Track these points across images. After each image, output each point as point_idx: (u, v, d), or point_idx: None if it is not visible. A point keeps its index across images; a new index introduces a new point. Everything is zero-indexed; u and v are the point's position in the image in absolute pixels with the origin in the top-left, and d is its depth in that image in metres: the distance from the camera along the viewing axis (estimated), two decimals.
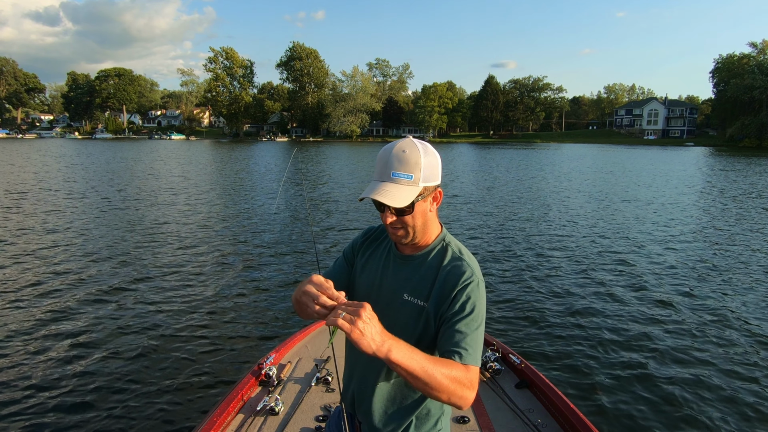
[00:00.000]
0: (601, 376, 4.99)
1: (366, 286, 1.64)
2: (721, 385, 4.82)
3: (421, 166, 1.41)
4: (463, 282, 1.43)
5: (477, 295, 1.43)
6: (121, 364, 5.09)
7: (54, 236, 10.94)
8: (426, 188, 1.44)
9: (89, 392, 4.53)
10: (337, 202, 16.89)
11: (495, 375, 3.50)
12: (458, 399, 1.31)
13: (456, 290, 1.43)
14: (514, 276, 8.41)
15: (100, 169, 29.28)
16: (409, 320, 1.50)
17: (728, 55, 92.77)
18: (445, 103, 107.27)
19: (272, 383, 3.36)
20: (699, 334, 6.04)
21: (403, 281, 1.54)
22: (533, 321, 6.41)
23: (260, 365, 3.46)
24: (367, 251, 1.70)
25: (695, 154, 58.48)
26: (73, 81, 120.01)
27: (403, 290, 1.53)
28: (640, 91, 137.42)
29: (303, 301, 1.28)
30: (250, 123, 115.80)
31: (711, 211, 15.74)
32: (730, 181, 25.40)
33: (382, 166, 1.43)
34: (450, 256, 1.51)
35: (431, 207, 1.51)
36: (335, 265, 1.75)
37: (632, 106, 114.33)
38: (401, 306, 1.52)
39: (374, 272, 1.63)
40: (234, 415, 3.02)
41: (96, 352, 5.33)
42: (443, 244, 1.55)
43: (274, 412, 3.03)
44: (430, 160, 1.44)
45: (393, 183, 1.40)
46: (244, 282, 7.89)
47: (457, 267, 1.47)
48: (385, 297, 1.57)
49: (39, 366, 5.02)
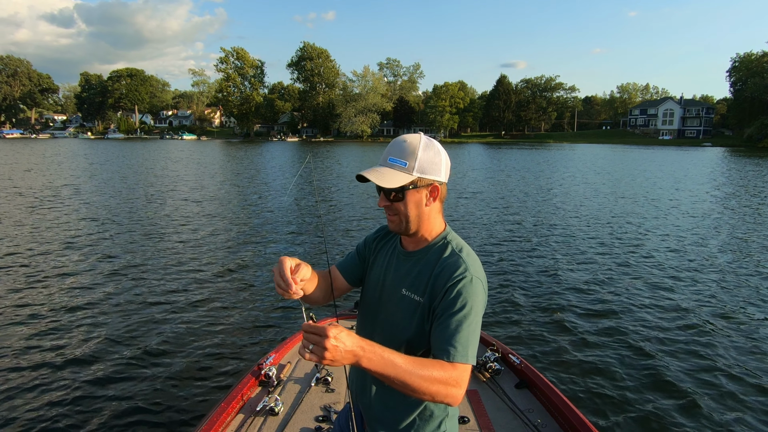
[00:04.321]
0: (601, 376, 4.95)
1: (373, 281, 1.68)
2: (721, 385, 4.77)
3: (417, 156, 1.46)
4: (456, 277, 1.42)
5: (470, 292, 1.40)
6: (120, 363, 5.10)
7: (55, 235, 11.06)
8: (420, 179, 1.47)
9: (89, 392, 4.55)
10: (350, 204, 16.80)
11: (495, 375, 3.48)
12: (443, 398, 1.30)
13: (448, 285, 1.42)
14: (515, 276, 8.35)
15: (113, 168, 29.57)
16: (405, 315, 1.52)
17: (746, 54, 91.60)
18: (456, 103, 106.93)
19: (272, 383, 3.35)
20: (700, 334, 5.97)
21: (402, 276, 1.57)
22: (533, 321, 6.37)
23: (260, 365, 3.45)
24: (377, 248, 1.74)
25: (715, 154, 57.64)
26: (86, 81, 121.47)
27: (402, 285, 1.55)
28: (654, 91, 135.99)
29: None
30: (261, 123, 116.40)
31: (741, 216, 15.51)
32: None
33: (383, 153, 1.52)
34: (448, 253, 1.51)
35: (428, 200, 1.51)
36: (347, 258, 1.80)
37: (647, 105, 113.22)
38: (399, 301, 1.54)
39: (381, 268, 1.67)
40: (234, 415, 3.01)
41: (95, 352, 5.34)
42: (444, 242, 1.55)
43: (273, 412, 3.02)
44: (431, 154, 1.48)
45: (387, 167, 1.48)
46: (244, 281, 7.89)
47: (452, 263, 1.46)
48: (387, 292, 1.60)
49: (38, 366, 5.03)
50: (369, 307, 1.68)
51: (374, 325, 1.63)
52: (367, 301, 1.70)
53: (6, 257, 9.04)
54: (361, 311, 1.75)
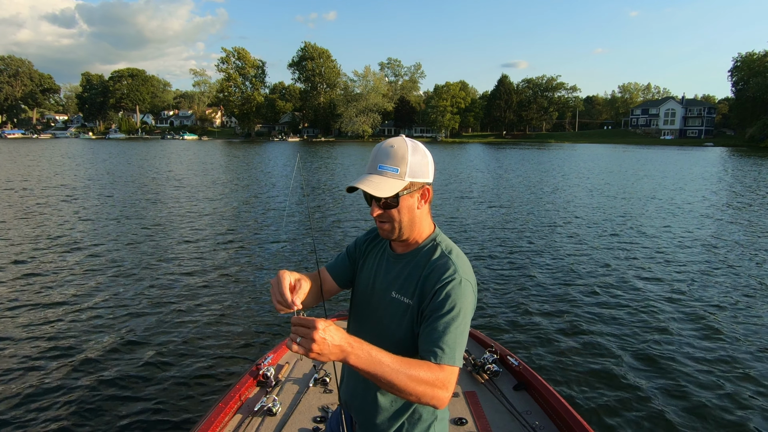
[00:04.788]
0: (600, 379, 4.93)
1: (363, 284, 1.68)
2: (721, 387, 4.76)
3: (407, 161, 1.45)
4: (444, 279, 1.41)
5: (458, 294, 1.39)
6: (119, 364, 5.10)
7: (55, 235, 11.08)
8: (413, 183, 1.47)
9: (88, 392, 4.54)
10: (342, 205, 16.85)
11: (493, 377, 3.47)
12: (429, 400, 1.29)
13: (436, 287, 1.41)
14: (514, 277, 8.33)
15: (110, 168, 29.62)
16: (395, 317, 1.51)
17: (748, 54, 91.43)
18: (457, 102, 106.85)
19: (270, 384, 3.35)
20: (700, 338, 5.94)
21: (392, 279, 1.56)
22: (532, 323, 6.35)
23: (258, 366, 3.45)
24: (367, 249, 1.74)
25: (717, 154, 57.46)
26: (87, 81, 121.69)
27: (392, 288, 1.54)
28: (655, 90, 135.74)
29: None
30: (262, 123, 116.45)
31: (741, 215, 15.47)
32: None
33: (371, 160, 1.49)
34: (437, 255, 1.50)
35: (419, 204, 1.51)
36: (337, 260, 1.79)
37: (648, 105, 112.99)
38: (389, 304, 1.53)
39: (371, 271, 1.66)
40: (232, 415, 3.01)
41: (94, 352, 5.34)
42: (433, 243, 1.54)
43: (271, 412, 3.02)
44: (419, 157, 1.47)
45: (379, 175, 1.45)
46: (242, 282, 7.87)
47: (441, 265, 1.45)
48: (377, 295, 1.59)
49: (37, 365, 5.03)
50: (359, 309, 1.68)
51: (364, 327, 1.62)
52: (357, 303, 1.69)
53: (6, 257, 9.05)
54: (351, 313, 1.75)
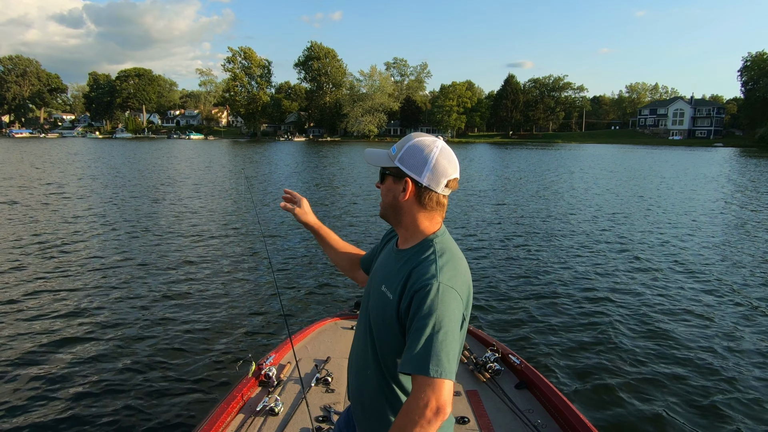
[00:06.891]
0: (602, 377, 4.92)
1: (371, 274, 1.73)
2: (723, 386, 4.74)
3: (404, 147, 1.50)
4: (421, 283, 1.37)
5: (436, 301, 1.32)
6: (119, 363, 5.08)
7: (55, 236, 11.13)
8: (398, 169, 1.50)
9: (88, 392, 4.54)
10: (356, 204, 16.85)
11: (495, 375, 3.47)
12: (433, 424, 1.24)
13: (414, 291, 1.37)
14: (515, 276, 8.32)
15: (116, 167, 29.77)
16: (379, 310, 1.51)
17: (758, 53, 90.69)
18: (464, 102, 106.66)
19: (272, 384, 3.34)
20: (703, 337, 5.90)
21: (386, 273, 1.56)
22: (534, 321, 6.33)
23: (260, 365, 3.44)
24: (384, 242, 1.79)
25: (729, 155, 57.02)
26: (94, 81, 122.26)
27: (383, 282, 1.54)
28: (663, 90, 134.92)
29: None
30: (268, 123, 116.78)
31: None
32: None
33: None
34: (425, 255, 1.46)
35: (401, 194, 1.51)
36: (370, 249, 1.92)
37: (656, 105, 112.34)
38: (378, 296, 1.54)
39: (380, 263, 1.70)
40: (234, 415, 3.01)
41: (94, 352, 5.33)
42: (429, 244, 1.51)
43: (273, 412, 3.01)
44: (419, 152, 1.48)
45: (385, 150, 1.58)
46: (244, 281, 7.87)
47: (423, 267, 1.41)
48: (373, 286, 1.61)
49: (36, 367, 5.02)
50: (363, 298, 1.71)
51: (362, 316, 1.65)
52: (364, 292, 1.73)
53: (6, 257, 9.10)
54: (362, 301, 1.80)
